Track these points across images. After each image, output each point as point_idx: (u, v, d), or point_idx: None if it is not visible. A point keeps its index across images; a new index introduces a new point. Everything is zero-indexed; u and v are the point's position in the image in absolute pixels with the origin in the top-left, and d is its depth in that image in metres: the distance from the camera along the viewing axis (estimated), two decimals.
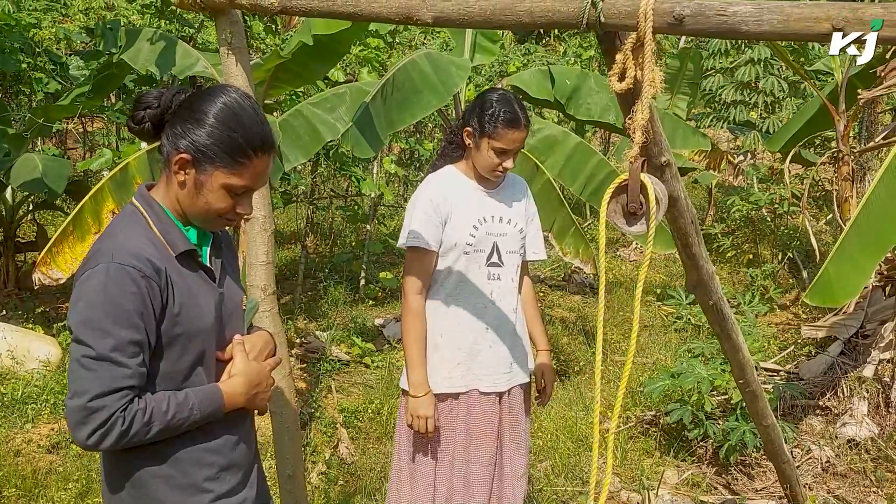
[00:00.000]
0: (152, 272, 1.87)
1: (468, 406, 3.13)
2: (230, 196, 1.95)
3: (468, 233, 3.06)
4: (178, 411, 1.89)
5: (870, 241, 4.32)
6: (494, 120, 2.97)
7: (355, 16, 2.28)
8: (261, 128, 1.95)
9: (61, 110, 6.58)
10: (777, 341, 6.85)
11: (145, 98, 1.97)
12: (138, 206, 2.00)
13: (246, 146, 1.92)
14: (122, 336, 1.81)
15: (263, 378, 2.10)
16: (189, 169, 1.93)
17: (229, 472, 2.04)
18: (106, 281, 1.82)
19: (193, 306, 1.95)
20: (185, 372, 1.96)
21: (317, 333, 6.66)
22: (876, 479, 4.79)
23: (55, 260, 5.23)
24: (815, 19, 1.81)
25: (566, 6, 2.01)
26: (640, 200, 2.03)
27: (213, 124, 1.90)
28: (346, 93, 5.85)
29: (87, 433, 1.80)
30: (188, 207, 1.98)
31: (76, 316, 1.84)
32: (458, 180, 3.14)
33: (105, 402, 1.79)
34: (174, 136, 1.93)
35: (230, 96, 1.94)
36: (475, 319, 3.11)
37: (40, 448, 4.69)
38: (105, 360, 1.80)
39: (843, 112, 6.64)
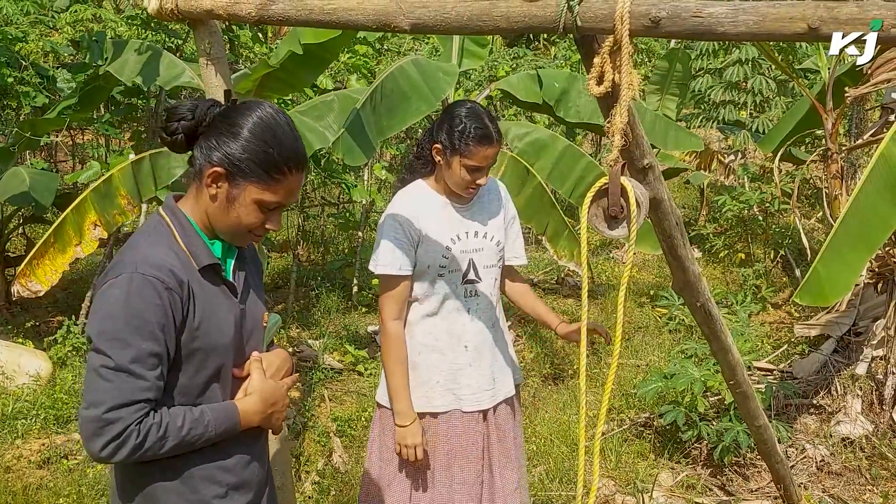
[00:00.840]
0: (175, 284, 1.86)
1: (448, 426, 3.04)
2: (261, 211, 1.94)
3: (441, 254, 2.96)
4: (193, 427, 1.87)
5: (859, 240, 4.31)
6: (465, 137, 2.85)
7: (332, 24, 2.28)
8: (295, 144, 1.95)
9: (49, 123, 6.56)
10: (770, 340, 6.85)
11: (179, 110, 1.95)
12: (165, 217, 1.98)
13: (281, 162, 1.91)
14: (142, 348, 1.80)
15: (280, 397, 2.08)
16: (222, 182, 1.92)
17: (239, 492, 2.02)
18: (129, 291, 1.81)
19: (213, 321, 1.94)
20: (202, 387, 1.95)
21: (309, 342, 6.64)
22: (871, 476, 4.78)
23: (35, 272, 5.20)
24: (790, 19, 1.81)
25: (542, 10, 2.01)
26: (620, 204, 2.03)
27: (249, 139, 1.89)
28: (335, 100, 5.85)
29: (100, 445, 1.78)
30: (217, 221, 1.97)
31: (97, 325, 1.83)
32: (428, 197, 3.02)
33: (121, 415, 1.78)
34: (208, 148, 1.92)
35: (266, 111, 1.93)
36: (454, 339, 3.03)
37: (31, 464, 4.66)
38: (124, 371, 1.79)
39: (831, 110, 6.65)
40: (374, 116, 5.12)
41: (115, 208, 5.34)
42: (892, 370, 5.24)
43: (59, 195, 6.86)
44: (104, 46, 5.82)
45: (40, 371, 5.54)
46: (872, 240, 4.33)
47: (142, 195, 5.43)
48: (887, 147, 4.27)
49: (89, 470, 4.54)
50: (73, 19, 8.23)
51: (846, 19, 1.76)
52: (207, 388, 1.96)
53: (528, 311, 3.32)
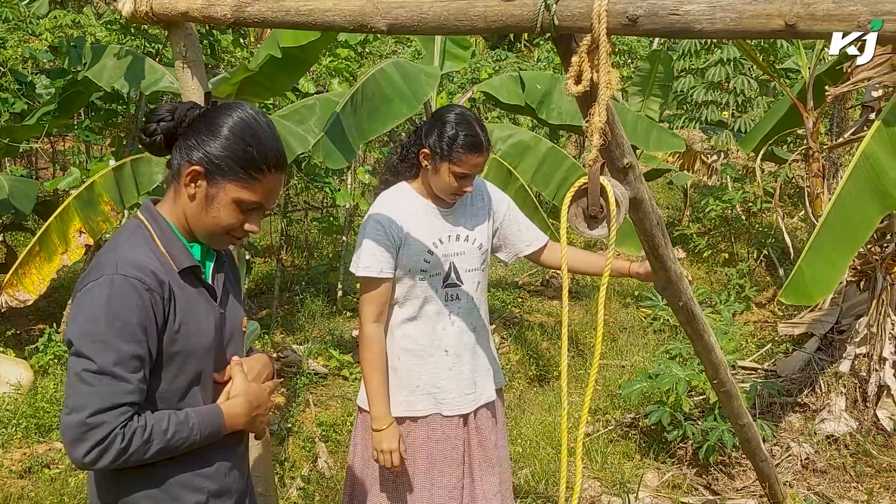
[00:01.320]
0: (156, 285, 1.84)
1: (428, 430, 3.02)
2: (240, 211, 1.93)
3: (423, 258, 2.94)
4: (178, 430, 1.85)
5: (842, 238, 4.32)
6: (456, 144, 2.83)
7: (309, 25, 2.26)
8: (275, 144, 1.94)
9: (28, 130, 6.51)
10: (754, 339, 6.87)
11: (158, 111, 1.94)
12: (143, 219, 1.96)
13: (260, 161, 1.90)
14: (124, 350, 1.78)
15: (263, 400, 2.07)
16: (200, 181, 1.91)
17: (219, 499, 1.99)
18: (109, 293, 1.79)
19: (193, 324, 1.92)
20: (182, 391, 1.92)
21: (294, 347, 6.61)
22: (855, 474, 4.79)
23: (22, 281, 5.15)
24: (767, 16, 1.80)
25: (519, 10, 2.00)
26: (600, 204, 2.01)
27: (229, 137, 1.88)
28: (316, 104, 5.81)
29: (84, 450, 1.75)
30: (196, 222, 1.95)
31: (77, 328, 1.80)
32: (411, 200, 3.00)
33: (105, 419, 1.75)
34: (187, 148, 1.91)
35: (246, 111, 1.93)
36: (434, 342, 3.01)
37: (12, 473, 4.61)
38: (106, 374, 1.76)
39: (812, 109, 6.67)
40: (354, 119, 5.10)
41: (98, 215, 5.30)
42: (875, 367, 5.26)
43: (40, 202, 6.81)
44: (83, 52, 5.77)
45: (21, 380, 5.49)
46: (855, 238, 4.34)
47: (124, 201, 5.39)
48: (869, 145, 4.28)
49: (71, 479, 4.50)
50: (52, 25, 8.17)
51: (823, 15, 1.76)
52: (188, 392, 1.94)
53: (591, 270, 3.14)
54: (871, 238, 5.39)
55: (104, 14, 9.49)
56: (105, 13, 9.70)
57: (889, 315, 5.29)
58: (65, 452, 4.71)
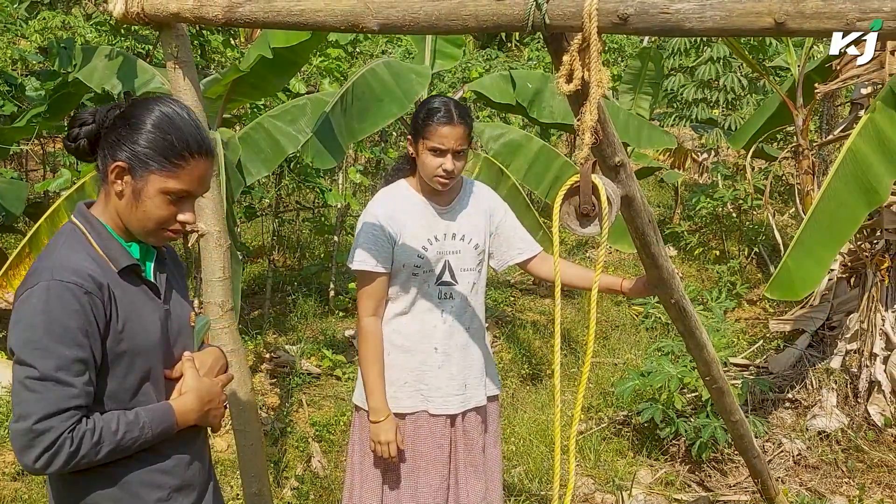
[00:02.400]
0: (94, 287, 1.83)
1: (415, 427, 3.03)
2: (169, 202, 1.92)
3: (416, 254, 2.96)
4: (128, 430, 1.85)
5: (828, 234, 4.35)
6: (426, 119, 2.87)
7: (300, 25, 2.26)
8: (196, 130, 1.93)
9: (18, 132, 6.48)
10: (746, 336, 6.89)
11: (80, 116, 1.94)
12: (77, 223, 1.96)
13: (181, 148, 1.89)
14: (66, 355, 1.77)
15: (215, 394, 2.07)
16: (125, 177, 1.90)
17: (182, 493, 2.00)
18: (47, 299, 1.79)
19: (138, 322, 1.92)
20: (133, 390, 1.92)
21: (286, 347, 6.60)
22: (847, 469, 4.82)
23: (11, 283, 5.13)
24: (757, 14, 1.81)
25: (511, 9, 2.01)
26: (592, 202, 2.03)
27: (148, 129, 1.88)
28: (307, 104, 5.81)
29: (34, 457, 1.76)
30: (129, 219, 1.94)
31: (17, 336, 1.79)
32: (408, 196, 3.02)
33: (51, 424, 1.75)
34: (109, 146, 1.90)
35: (163, 103, 1.93)
36: (424, 339, 3.02)
37: (5, 476, 4.60)
38: (49, 380, 1.76)
39: (802, 107, 6.70)
40: (345, 119, 5.10)
41: None
42: (865, 363, 5.29)
43: (30, 204, 6.78)
44: (73, 53, 5.76)
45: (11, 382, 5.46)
46: (841, 234, 4.37)
47: None
48: (855, 142, 4.31)
49: None
50: (41, 26, 8.15)
51: (812, 13, 1.77)
52: (138, 391, 1.94)
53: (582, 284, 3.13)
54: (860, 234, 5.42)
55: (93, 15, 9.48)
56: (94, 14, 9.68)
57: (879, 311, 5.32)
58: None
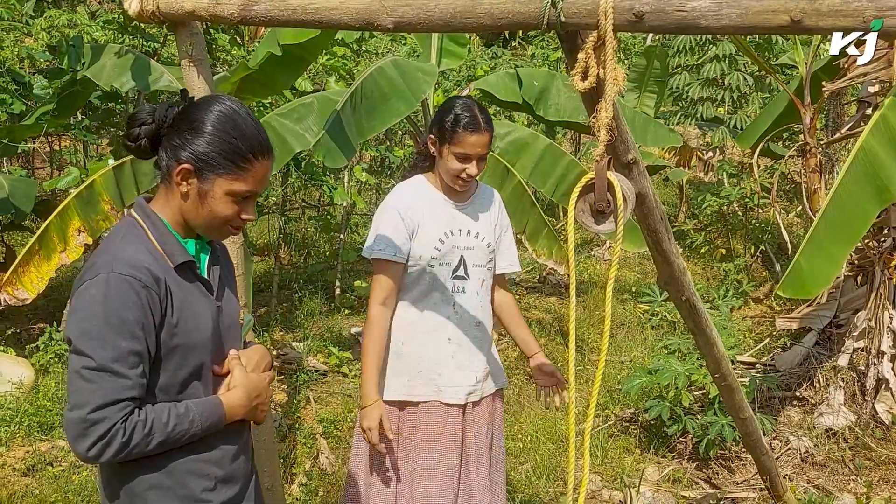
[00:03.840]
0: (152, 282, 1.86)
1: (427, 415, 3.07)
2: (234, 202, 1.96)
3: (433, 246, 3.02)
4: (178, 423, 1.88)
5: (839, 232, 4.35)
6: (453, 125, 2.93)
7: (315, 23, 2.27)
8: (258, 132, 1.97)
9: (26, 130, 6.50)
10: (752, 334, 6.90)
11: (139, 115, 1.97)
12: (137, 217, 1.99)
13: (246, 150, 1.94)
14: (122, 346, 1.80)
15: (262, 389, 2.10)
16: (191, 179, 1.94)
17: (227, 485, 2.02)
18: (106, 291, 1.82)
19: (191, 317, 1.95)
20: (183, 384, 1.95)
21: (293, 344, 6.62)
22: (854, 467, 4.82)
23: (21, 280, 5.16)
24: (773, 12, 1.82)
25: (526, 7, 2.01)
26: (607, 199, 2.03)
27: (212, 132, 1.91)
28: (314, 102, 5.82)
29: (87, 445, 1.79)
30: (192, 218, 1.98)
31: (75, 327, 1.82)
32: (426, 191, 3.09)
33: (105, 414, 1.78)
34: (173, 148, 1.94)
35: (224, 104, 1.96)
36: (437, 329, 3.07)
37: (15, 472, 4.62)
38: (105, 370, 1.79)
39: (809, 105, 6.70)
40: (354, 117, 5.11)
41: (98, 214, 5.31)
42: (873, 361, 5.29)
43: (38, 202, 6.80)
44: (81, 51, 5.78)
45: (23, 378, 5.49)
46: (853, 232, 4.37)
47: (124, 201, 5.39)
48: (867, 140, 4.32)
49: (75, 476, 4.51)
50: (48, 24, 8.16)
51: (828, 11, 1.78)
52: (188, 385, 1.97)
53: (508, 329, 3.35)
54: (868, 232, 5.42)
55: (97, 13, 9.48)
56: (98, 12, 9.69)
57: (887, 309, 5.33)
58: (68, 450, 4.74)
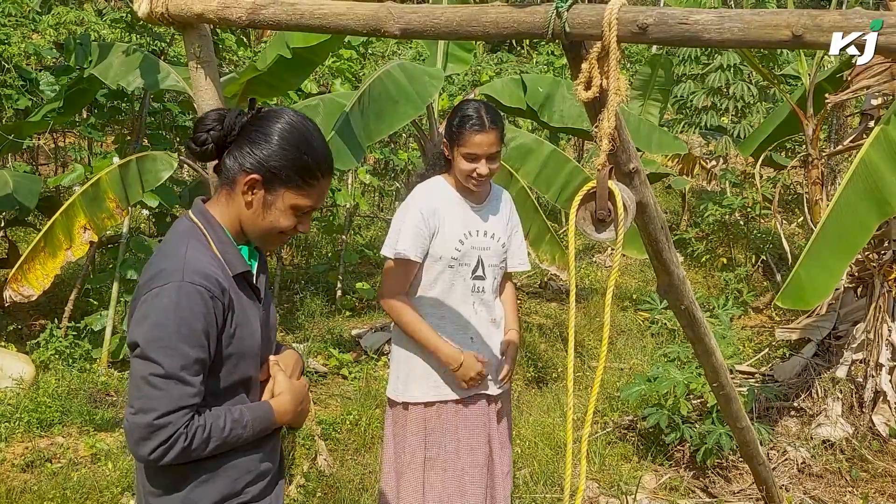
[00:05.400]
0: (219, 292, 1.91)
1: (456, 412, 3.18)
2: (295, 215, 2.01)
3: (454, 247, 3.11)
4: (234, 427, 1.94)
5: (839, 244, 4.37)
6: (459, 126, 3.02)
7: (323, 28, 2.29)
8: (326, 150, 2.02)
9: (32, 126, 6.53)
10: (752, 344, 6.91)
11: (207, 120, 2.00)
12: (197, 222, 2.02)
13: (315, 168, 1.98)
14: (190, 355, 1.85)
15: (305, 395, 2.17)
16: (258, 189, 1.97)
17: (263, 479, 2.09)
18: (178, 300, 1.86)
19: (246, 327, 2.00)
20: (231, 389, 2.01)
21: (294, 346, 6.63)
22: (851, 478, 4.83)
23: (26, 276, 5.18)
24: (774, 26, 1.84)
25: (531, 16, 2.04)
26: (608, 207, 2.06)
27: (284, 146, 1.95)
28: (320, 104, 5.84)
29: (150, 449, 1.84)
30: (252, 226, 2.02)
31: (144, 332, 1.86)
32: (446, 192, 3.18)
33: (170, 420, 1.84)
34: (242, 156, 1.97)
35: (294, 118, 2.00)
36: (460, 329, 3.17)
37: (14, 467, 4.64)
38: (174, 378, 1.84)
39: (812, 116, 6.72)
40: (362, 120, 5.14)
41: (103, 212, 5.34)
42: (871, 373, 5.30)
43: (42, 198, 6.83)
44: (89, 49, 5.80)
45: (23, 374, 5.51)
46: (853, 244, 4.39)
47: (129, 199, 5.42)
48: (868, 153, 4.33)
49: (74, 473, 4.53)
50: (55, 22, 8.19)
51: (829, 27, 1.80)
52: (236, 390, 2.02)
53: None
54: (868, 245, 5.43)
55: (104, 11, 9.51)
56: (105, 10, 9.72)
57: (886, 321, 5.34)
58: (67, 446, 4.76)
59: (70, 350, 5.92)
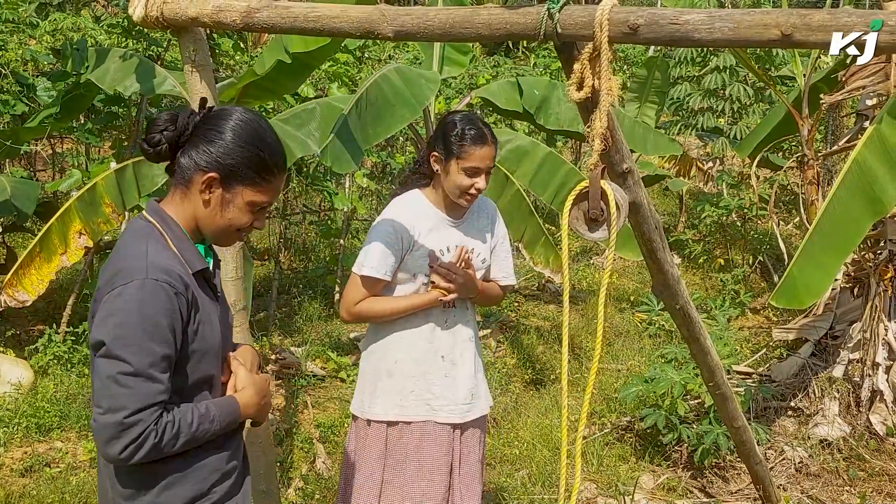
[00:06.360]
0: (183, 288, 1.92)
1: (421, 435, 3.03)
2: (251, 212, 2.03)
3: (428, 263, 2.99)
4: (201, 422, 1.95)
5: (833, 243, 4.38)
6: (460, 139, 2.89)
7: (316, 31, 2.31)
8: (280, 146, 2.05)
9: (29, 132, 6.54)
10: (749, 344, 6.92)
11: (160, 121, 2.01)
12: (153, 221, 2.02)
13: (271, 164, 2.00)
14: (157, 352, 1.86)
15: (268, 389, 2.18)
16: (216, 188, 1.98)
17: (229, 478, 2.09)
18: (142, 297, 1.86)
19: (208, 323, 2.01)
20: (195, 386, 2.01)
21: (292, 349, 6.65)
22: (848, 478, 4.84)
23: (21, 282, 5.19)
24: (764, 26, 1.86)
25: (523, 18, 2.05)
26: (601, 207, 2.07)
27: (240, 143, 1.97)
28: (316, 108, 5.86)
29: (120, 448, 1.84)
30: (208, 224, 2.03)
31: (110, 331, 1.86)
32: (424, 208, 3.05)
33: (140, 417, 1.84)
34: (197, 155, 1.97)
35: (247, 115, 2.02)
36: (430, 347, 3.04)
37: (13, 472, 4.64)
38: (142, 375, 1.84)
39: (807, 117, 6.74)
40: (360, 124, 5.14)
41: (99, 217, 5.35)
42: (868, 373, 5.31)
43: (39, 204, 6.83)
44: (86, 55, 5.82)
45: (22, 380, 5.51)
46: (846, 243, 4.41)
47: (126, 204, 5.43)
48: (860, 152, 4.35)
49: (72, 478, 4.54)
50: (52, 28, 8.21)
51: (818, 26, 1.82)
52: (200, 387, 2.02)
53: None
54: (864, 245, 5.46)
55: (102, 17, 9.54)
56: (103, 16, 9.74)
57: (882, 321, 5.35)
58: (66, 451, 4.76)
59: (68, 355, 5.91)
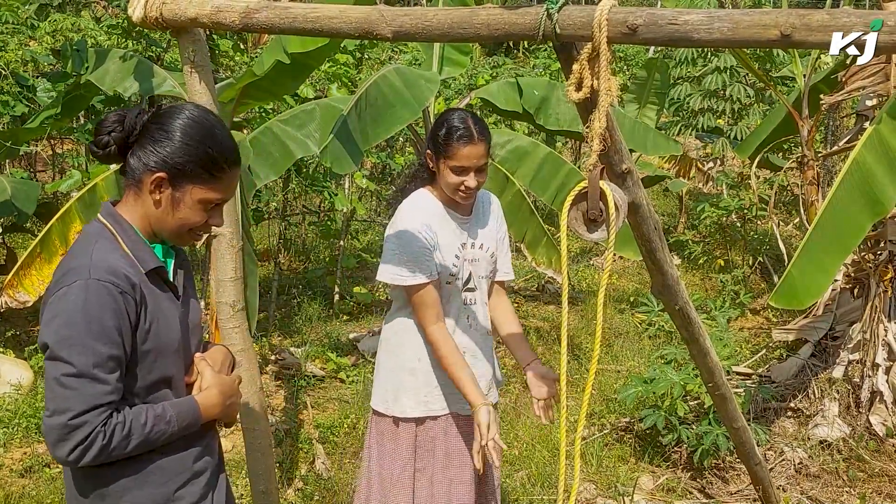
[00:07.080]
0: (129, 288, 1.89)
1: (446, 427, 3.09)
2: (204, 210, 2.00)
3: (451, 262, 3.00)
4: (156, 423, 1.92)
5: (832, 243, 4.38)
6: (447, 138, 2.88)
7: (315, 32, 2.30)
8: (231, 141, 2.01)
9: (29, 133, 6.54)
10: (749, 345, 6.92)
11: (107, 122, 1.99)
12: (105, 223, 2.01)
13: (221, 160, 1.97)
14: (102, 352, 1.83)
15: (235, 390, 2.15)
16: (165, 187, 1.95)
17: (197, 479, 2.06)
18: (86, 297, 1.84)
19: (163, 322, 1.98)
20: (153, 386, 1.98)
21: (291, 350, 6.65)
22: (848, 478, 4.84)
23: (22, 283, 5.19)
24: (763, 26, 1.85)
25: (522, 18, 2.05)
26: (599, 207, 2.07)
27: (187, 141, 1.94)
28: (316, 109, 5.86)
29: (67, 450, 1.82)
30: (161, 224, 2.00)
31: (53, 333, 1.84)
32: (434, 206, 3.04)
33: (86, 419, 1.81)
34: (145, 155, 1.95)
35: (196, 112, 1.99)
36: None
37: (13, 473, 4.64)
38: (86, 376, 1.82)
39: (807, 117, 6.74)
40: (359, 125, 5.14)
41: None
42: (868, 373, 5.31)
43: (40, 204, 6.84)
44: (86, 55, 5.82)
45: (22, 380, 5.52)
46: (846, 244, 4.41)
47: None
48: (860, 152, 4.35)
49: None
50: (52, 28, 8.21)
51: (817, 26, 1.81)
52: (159, 387, 2.00)
53: (503, 336, 3.27)
54: (864, 245, 5.45)
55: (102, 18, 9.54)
56: (103, 17, 9.74)
57: (882, 321, 5.35)
58: None
59: None
